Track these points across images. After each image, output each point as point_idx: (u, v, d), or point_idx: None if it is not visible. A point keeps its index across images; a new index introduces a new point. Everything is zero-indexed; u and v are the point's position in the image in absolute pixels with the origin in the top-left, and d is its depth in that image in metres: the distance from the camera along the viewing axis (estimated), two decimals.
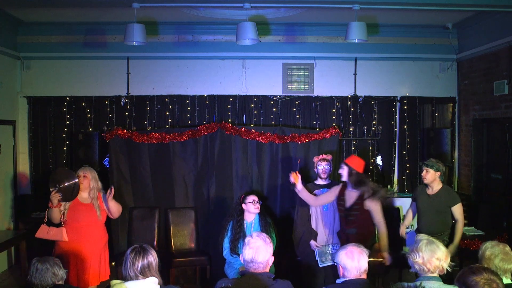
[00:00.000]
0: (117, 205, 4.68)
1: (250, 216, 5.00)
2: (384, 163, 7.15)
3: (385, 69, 7.17)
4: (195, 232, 5.98)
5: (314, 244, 4.91)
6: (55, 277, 3.25)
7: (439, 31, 6.98)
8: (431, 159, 4.93)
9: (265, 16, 6.39)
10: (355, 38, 5.23)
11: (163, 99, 6.91)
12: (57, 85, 6.91)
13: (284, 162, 6.31)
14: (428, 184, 4.83)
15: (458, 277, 2.39)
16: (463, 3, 5.38)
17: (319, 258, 4.86)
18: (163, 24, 6.78)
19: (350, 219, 4.63)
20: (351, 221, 4.62)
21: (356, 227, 4.61)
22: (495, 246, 3.13)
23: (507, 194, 6.01)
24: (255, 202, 4.95)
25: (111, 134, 6.16)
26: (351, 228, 4.63)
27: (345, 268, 2.96)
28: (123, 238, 6.02)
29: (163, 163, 6.27)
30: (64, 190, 4.39)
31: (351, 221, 4.63)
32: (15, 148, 6.77)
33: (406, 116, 7.08)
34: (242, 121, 6.93)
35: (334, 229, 4.94)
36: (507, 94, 5.98)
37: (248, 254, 2.97)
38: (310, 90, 7.09)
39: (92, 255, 4.46)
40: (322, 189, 5.01)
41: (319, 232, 4.94)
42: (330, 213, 4.95)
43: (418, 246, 2.94)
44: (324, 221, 4.95)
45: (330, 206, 4.94)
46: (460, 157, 7.12)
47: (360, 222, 4.61)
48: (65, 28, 6.79)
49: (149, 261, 2.84)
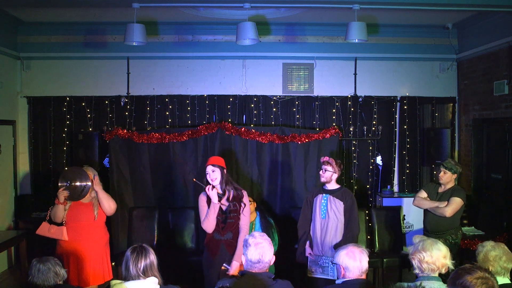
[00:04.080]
0: (108, 199, 4.51)
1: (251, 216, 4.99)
2: (384, 163, 7.15)
3: (385, 69, 7.17)
4: (195, 232, 5.98)
5: (308, 251, 4.63)
6: (57, 276, 3.28)
7: (439, 31, 6.99)
8: (450, 161, 4.98)
9: (265, 16, 6.39)
10: (355, 38, 5.23)
11: (163, 99, 6.91)
12: (57, 85, 6.91)
13: (284, 162, 6.32)
14: (442, 184, 4.94)
15: (452, 278, 2.34)
16: (463, 3, 5.38)
17: (310, 267, 4.60)
18: (163, 24, 6.78)
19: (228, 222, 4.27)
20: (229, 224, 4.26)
21: (232, 231, 4.26)
22: (496, 247, 3.12)
23: (507, 194, 6.01)
24: None
25: (111, 134, 6.17)
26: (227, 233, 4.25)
27: (347, 269, 2.95)
28: (123, 238, 6.02)
29: (163, 163, 6.27)
30: (73, 190, 4.39)
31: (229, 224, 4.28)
32: (15, 148, 6.76)
33: (406, 116, 7.08)
34: (242, 121, 6.93)
35: (327, 240, 4.53)
36: (507, 94, 5.98)
37: (254, 255, 2.95)
38: (310, 90, 7.09)
39: (93, 255, 4.46)
40: (324, 194, 4.61)
41: (313, 239, 4.64)
42: (324, 223, 4.54)
43: (423, 246, 2.93)
44: (319, 229, 4.59)
45: (329, 215, 4.53)
46: (460, 157, 7.12)
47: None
48: (65, 28, 6.79)
49: (151, 261, 2.87)
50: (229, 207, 4.21)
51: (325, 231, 4.56)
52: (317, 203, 4.64)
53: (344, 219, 4.53)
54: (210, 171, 4.20)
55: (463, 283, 2.26)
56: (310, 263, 4.60)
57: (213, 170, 4.20)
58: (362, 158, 7.04)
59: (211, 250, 4.22)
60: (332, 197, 4.57)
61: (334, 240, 4.51)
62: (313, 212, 4.66)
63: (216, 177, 4.18)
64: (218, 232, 4.21)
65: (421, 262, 2.91)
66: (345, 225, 4.52)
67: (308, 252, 4.63)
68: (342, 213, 4.53)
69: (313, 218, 4.66)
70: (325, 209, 4.57)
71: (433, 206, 4.88)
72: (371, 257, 3.19)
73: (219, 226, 4.20)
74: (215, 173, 4.18)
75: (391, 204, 6.58)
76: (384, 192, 6.90)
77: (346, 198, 4.55)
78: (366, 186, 7.04)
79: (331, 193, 4.60)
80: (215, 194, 4.09)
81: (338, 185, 4.68)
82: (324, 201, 4.59)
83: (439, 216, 4.82)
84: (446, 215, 4.75)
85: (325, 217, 4.56)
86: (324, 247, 4.55)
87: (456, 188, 4.93)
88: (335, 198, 4.56)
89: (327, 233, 4.54)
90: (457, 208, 4.78)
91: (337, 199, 4.55)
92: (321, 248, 4.57)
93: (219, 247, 4.20)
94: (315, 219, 4.63)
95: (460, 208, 4.82)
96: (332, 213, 4.54)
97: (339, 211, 4.53)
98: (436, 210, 4.84)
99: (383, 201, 6.73)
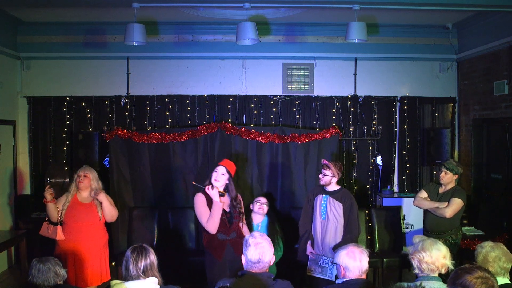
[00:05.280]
0: (111, 208, 4.55)
1: (257, 217, 4.99)
2: (384, 163, 7.15)
3: (385, 69, 7.17)
4: (195, 232, 5.98)
5: (309, 250, 4.64)
6: (57, 276, 3.28)
7: (439, 31, 6.99)
8: (452, 161, 4.97)
9: (265, 16, 6.39)
10: (355, 38, 5.23)
11: (163, 99, 6.91)
12: (57, 85, 6.91)
13: (284, 162, 6.32)
14: (443, 184, 4.93)
15: (451, 278, 2.34)
16: (463, 3, 5.37)
17: (309, 266, 4.62)
18: (163, 24, 6.78)
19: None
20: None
21: (236, 231, 4.30)
22: (495, 248, 3.12)
23: (507, 194, 6.01)
24: (260, 203, 4.93)
25: (111, 134, 6.17)
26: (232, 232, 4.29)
27: (347, 269, 2.95)
28: (123, 238, 6.02)
29: (163, 163, 6.27)
30: (55, 186, 4.38)
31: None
32: (15, 148, 6.76)
33: (406, 116, 7.08)
34: (242, 121, 6.93)
35: (327, 241, 4.53)
36: (507, 94, 5.98)
37: (254, 255, 2.95)
38: (310, 90, 7.09)
39: (92, 255, 4.46)
40: (324, 195, 4.60)
41: (314, 239, 4.67)
42: (324, 223, 4.55)
43: (423, 246, 2.93)
44: (320, 229, 4.60)
45: (328, 216, 4.53)
46: (460, 157, 7.12)
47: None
48: (65, 28, 6.79)
49: (151, 261, 2.88)
50: (235, 205, 4.25)
51: (325, 232, 4.56)
52: (318, 204, 4.64)
53: (343, 221, 4.52)
54: (220, 173, 4.20)
55: (462, 283, 2.26)
56: (310, 262, 4.61)
57: (223, 173, 4.21)
58: (362, 158, 7.03)
59: (216, 252, 4.15)
60: (331, 198, 4.56)
61: (334, 241, 4.50)
62: (314, 211, 4.66)
63: (222, 180, 4.20)
64: (224, 232, 4.17)
65: (420, 262, 2.91)
66: (344, 227, 4.52)
67: (309, 250, 4.64)
68: (342, 215, 4.52)
69: (314, 218, 4.66)
70: (325, 210, 4.57)
71: (433, 206, 4.87)
72: (371, 257, 3.19)
73: (226, 226, 4.18)
74: (223, 177, 4.21)
75: (391, 204, 6.58)
76: (384, 192, 6.90)
77: (345, 200, 4.54)
78: (366, 186, 7.04)
79: (331, 195, 4.59)
80: (216, 193, 4.07)
81: (339, 186, 4.66)
82: (324, 202, 4.59)
83: (439, 217, 4.82)
84: (446, 216, 4.75)
85: (325, 218, 4.56)
86: (324, 247, 4.55)
87: (456, 188, 4.92)
88: (334, 200, 4.55)
89: (327, 233, 4.54)
90: (457, 209, 4.78)
91: (336, 201, 4.54)
92: (321, 248, 4.57)
93: (224, 247, 4.16)
94: (316, 219, 4.64)
95: (461, 209, 4.82)
96: (331, 214, 4.53)
97: (338, 213, 4.52)
98: (436, 211, 4.83)
99: (383, 201, 6.73)
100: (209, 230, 4.11)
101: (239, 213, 4.31)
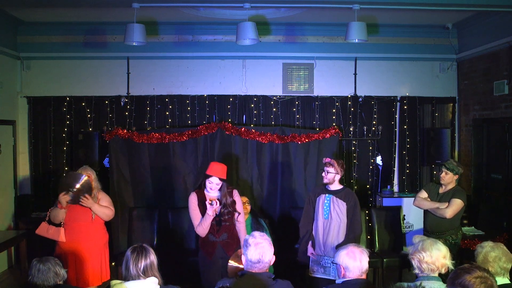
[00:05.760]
0: (102, 210, 4.51)
1: None
2: (384, 163, 7.15)
3: (385, 69, 7.17)
4: (195, 232, 5.96)
5: (310, 251, 4.62)
6: (57, 276, 3.28)
7: (439, 31, 6.99)
8: (452, 162, 4.96)
9: (265, 16, 6.39)
10: (355, 38, 5.23)
11: (163, 99, 6.91)
12: (57, 85, 6.91)
13: (284, 162, 6.32)
14: (443, 184, 4.92)
15: (451, 278, 2.34)
16: (463, 3, 5.38)
17: (311, 267, 4.59)
18: (163, 24, 6.78)
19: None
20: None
21: (227, 232, 4.35)
22: (495, 248, 3.11)
23: (507, 194, 6.02)
24: (242, 202, 4.63)
25: (111, 134, 6.17)
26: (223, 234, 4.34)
27: (347, 269, 2.95)
28: (123, 238, 6.02)
29: (163, 163, 6.27)
30: (77, 193, 4.40)
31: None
32: (15, 148, 6.76)
33: (406, 116, 7.08)
34: (242, 121, 6.93)
35: (329, 241, 4.50)
36: (507, 94, 5.98)
37: (254, 255, 2.94)
38: (310, 90, 7.09)
39: (91, 255, 4.46)
40: (327, 194, 4.58)
41: (316, 239, 4.61)
42: (327, 223, 4.52)
43: (423, 246, 2.93)
44: (322, 229, 4.57)
45: (332, 215, 4.51)
46: (460, 157, 7.12)
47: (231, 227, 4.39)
48: (65, 28, 6.79)
49: (151, 261, 2.88)
50: (223, 211, 4.27)
51: (327, 232, 4.53)
52: (320, 203, 4.60)
53: (346, 220, 4.52)
54: (215, 183, 4.24)
55: (462, 283, 2.26)
56: (312, 263, 4.58)
57: (217, 183, 4.25)
58: (362, 158, 7.03)
59: (207, 251, 4.29)
60: (335, 197, 4.55)
61: (336, 240, 4.49)
62: (316, 212, 4.63)
63: (217, 190, 4.26)
64: (213, 234, 4.28)
65: (420, 262, 2.91)
66: (347, 226, 4.51)
67: (310, 252, 4.61)
68: (345, 214, 4.51)
69: (316, 218, 4.63)
70: (328, 210, 4.55)
71: (434, 207, 4.87)
72: (371, 257, 3.19)
73: (214, 229, 4.27)
74: (218, 186, 4.25)
75: (391, 204, 6.58)
76: (384, 192, 6.90)
77: (349, 199, 4.53)
78: (366, 186, 7.04)
79: (334, 194, 4.57)
80: (212, 208, 4.15)
81: (341, 186, 4.65)
82: (327, 201, 4.57)
83: (439, 217, 4.82)
84: (447, 217, 4.75)
85: (328, 218, 4.54)
86: (326, 247, 4.53)
87: (457, 189, 4.91)
88: (338, 199, 4.54)
89: (330, 233, 4.52)
90: (458, 210, 4.77)
91: (340, 200, 4.53)
92: (323, 248, 4.55)
93: (215, 247, 4.29)
94: (318, 219, 4.61)
95: (461, 209, 4.81)
96: (335, 213, 4.52)
97: (342, 212, 4.51)
98: (437, 211, 4.83)
99: (383, 201, 6.72)
100: (199, 234, 4.31)
101: (232, 214, 4.32)
